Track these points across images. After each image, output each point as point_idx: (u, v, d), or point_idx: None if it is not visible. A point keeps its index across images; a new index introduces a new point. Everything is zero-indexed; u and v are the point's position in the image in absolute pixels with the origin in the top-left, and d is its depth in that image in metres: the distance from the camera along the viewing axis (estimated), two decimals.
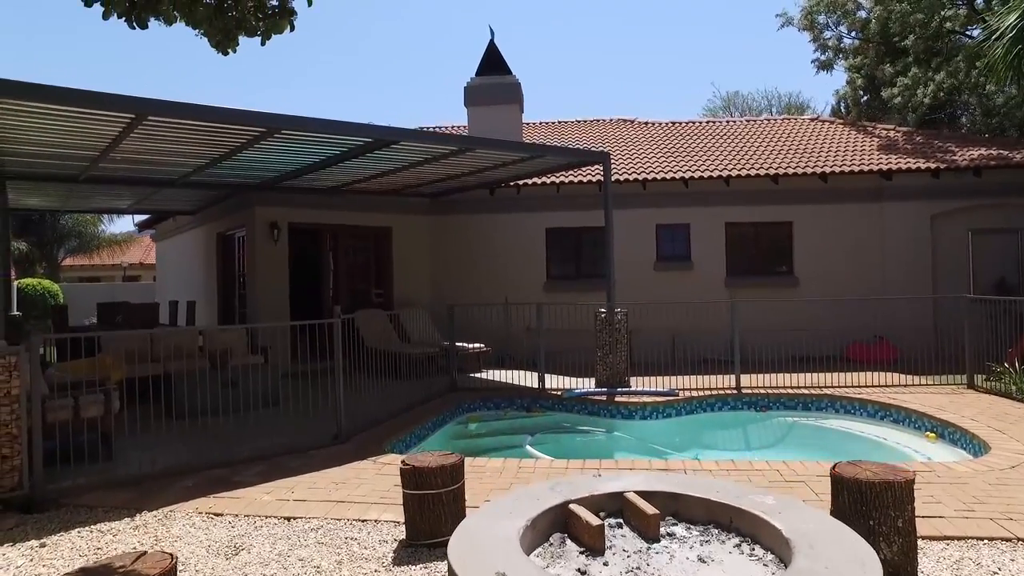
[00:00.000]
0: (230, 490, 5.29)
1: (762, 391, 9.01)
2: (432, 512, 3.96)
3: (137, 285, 25.01)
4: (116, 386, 6.57)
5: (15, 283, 20.24)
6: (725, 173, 12.70)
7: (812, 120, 16.99)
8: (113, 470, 5.75)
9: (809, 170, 12.46)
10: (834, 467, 3.40)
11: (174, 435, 6.71)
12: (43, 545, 4.44)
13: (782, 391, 8.96)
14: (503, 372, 10.69)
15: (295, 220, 11.99)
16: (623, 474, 3.58)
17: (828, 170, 12.36)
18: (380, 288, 13.45)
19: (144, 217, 18.26)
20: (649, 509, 2.98)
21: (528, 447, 7.57)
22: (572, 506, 3.06)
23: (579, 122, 18.74)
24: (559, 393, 9.30)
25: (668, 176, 12.88)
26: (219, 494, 5.20)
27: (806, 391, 8.91)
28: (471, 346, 11.21)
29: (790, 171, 12.50)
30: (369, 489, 5.20)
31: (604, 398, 8.99)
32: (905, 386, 8.99)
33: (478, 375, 10.86)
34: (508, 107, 14.26)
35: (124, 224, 33.97)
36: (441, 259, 13.81)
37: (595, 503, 3.16)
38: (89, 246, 27.59)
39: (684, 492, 3.20)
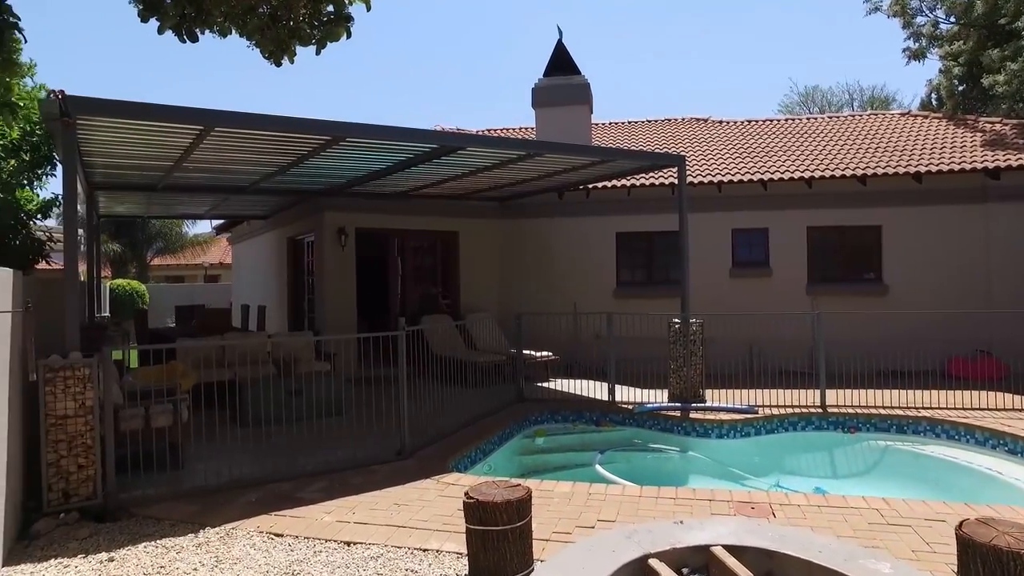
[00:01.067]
0: (292, 508, 5.19)
1: (850, 410, 8.36)
2: (496, 550, 3.70)
3: (215, 286, 25.97)
4: (186, 394, 6.64)
5: (107, 284, 21.32)
6: (807, 174, 11.96)
7: (903, 115, 15.85)
8: (181, 481, 5.77)
9: (901, 169, 11.57)
10: (960, 526, 2.91)
11: (240, 444, 6.70)
12: (111, 559, 4.43)
13: (873, 411, 8.27)
14: (571, 382, 10.35)
15: (363, 225, 12.02)
16: (709, 522, 3.22)
17: (923, 169, 11.43)
18: (447, 293, 13.35)
19: (221, 221, 18.85)
20: (741, 571, 2.62)
21: (598, 466, 7.22)
22: (652, 562, 2.74)
23: (649, 122, 18.16)
24: (630, 407, 8.90)
25: (745, 178, 12.25)
26: (281, 511, 5.11)
27: (900, 411, 8.18)
28: (539, 354, 10.94)
29: (879, 171, 11.64)
30: (431, 513, 4.99)
31: (678, 414, 8.54)
32: (1019, 410, 8.12)
33: (545, 384, 10.59)
34: (577, 108, 13.91)
35: (204, 225, 35.49)
36: (508, 264, 13.59)
37: (678, 558, 2.82)
38: (174, 247, 29.20)
39: (780, 550, 2.81)
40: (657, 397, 9.19)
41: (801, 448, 8.06)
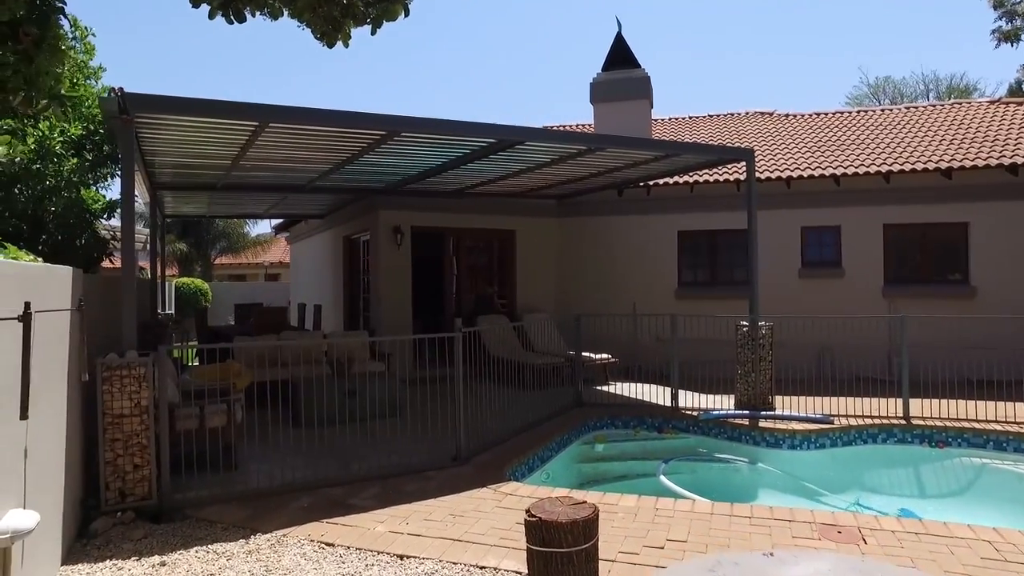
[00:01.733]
0: (344, 515, 5.01)
1: (937, 422, 7.71)
2: (560, 573, 3.40)
3: (275, 284, 26.52)
4: (240, 394, 6.58)
5: (173, 282, 22.00)
6: (885, 168, 11.22)
7: (992, 103, 14.75)
8: (234, 482, 5.68)
9: (993, 161, 10.70)
10: None
11: (293, 445, 6.61)
12: (163, 564, 4.34)
13: (965, 424, 7.59)
14: (631, 385, 10.00)
15: (418, 223, 11.90)
16: (803, 555, 2.85)
17: (1021, 160, 10.54)
18: (503, 293, 13.12)
19: (280, 220, 19.14)
20: None
21: (662, 477, 6.84)
22: None
23: (711, 117, 17.52)
24: (695, 414, 8.47)
25: (816, 173, 11.59)
26: (333, 519, 4.94)
27: (998, 426, 7.49)
28: (597, 356, 10.59)
29: (967, 163, 10.81)
30: (488, 526, 4.73)
31: (746, 422, 8.06)
32: None
33: (605, 388, 10.24)
34: (637, 103, 13.46)
35: (265, 226, 36.38)
36: (565, 263, 13.27)
37: None
38: (236, 247, 30.02)
39: None
40: (722, 404, 8.72)
41: (882, 463, 7.48)
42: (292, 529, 4.76)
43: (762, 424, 7.95)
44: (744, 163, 9.17)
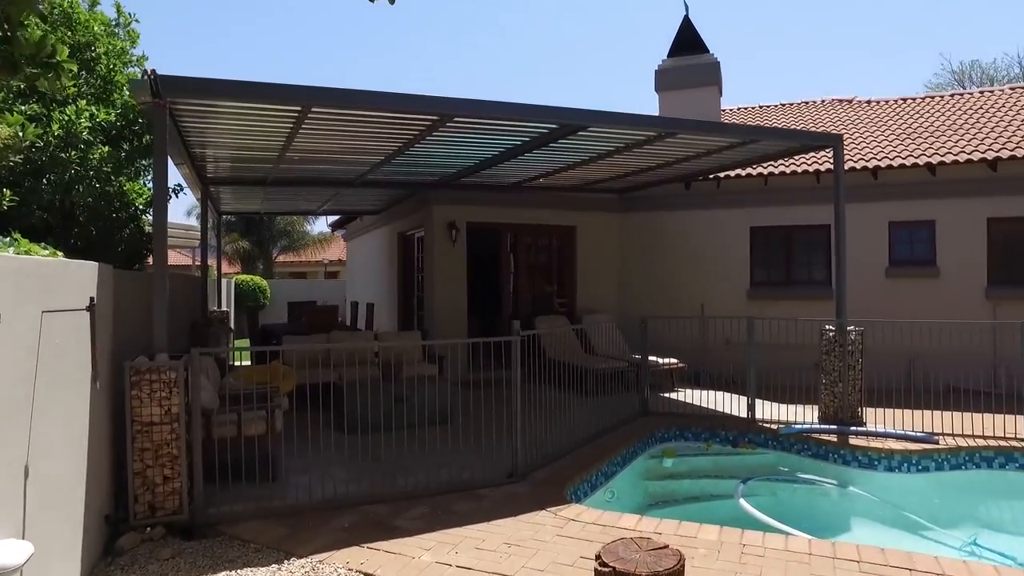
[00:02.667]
0: (387, 539, 4.50)
1: None
2: None
3: (333, 282, 26.60)
4: (284, 398, 6.18)
5: (232, 279, 22.25)
6: (991, 155, 10.06)
7: None
8: (272, 496, 5.25)
9: None
10: None
11: (337, 454, 6.17)
12: None
13: None
14: (700, 393, 9.24)
15: (474, 219, 11.39)
16: None
17: None
18: (562, 292, 12.49)
19: (336, 217, 19.03)
20: None
21: (741, 501, 6.09)
22: None
23: (784, 105, 16.41)
24: (774, 427, 7.66)
25: (908, 162, 10.52)
26: (374, 543, 4.43)
27: None
28: (663, 361, 9.86)
29: None
30: (549, 560, 4.13)
31: (834, 438, 7.22)
32: None
33: (671, 395, 9.52)
34: (705, 90, 12.62)
35: (324, 224, 36.81)
36: (628, 261, 12.54)
37: None
38: (296, 244, 30.51)
39: None
40: (803, 416, 7.88)
41: (1001, 492, 6.51)
42: (330, 554, 4.28)
43: (852, 441, 7.09)
44: (829, 151, 8.28)
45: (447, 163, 8.79)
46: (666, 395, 9.52)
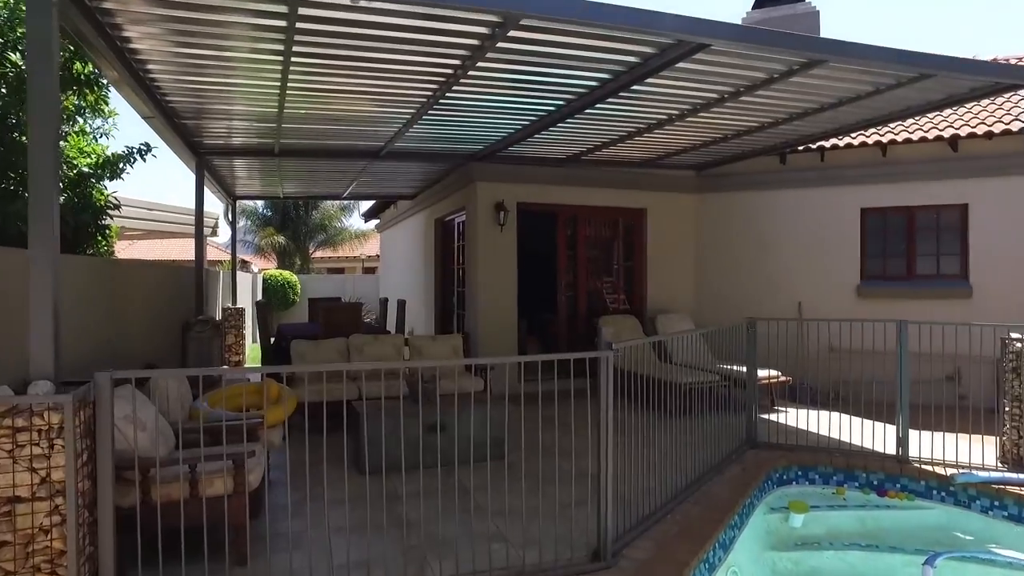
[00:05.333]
0: None
1: None
2: None
3: (368, 277, 25.07)
4: (276, 429, 4.42)
5: (261, 274, 20.93)
6: None
7: None
8: None
9: None
10: None
11: (347, 511, 4.37)
12: None
13: None
14: (808, 414, 7.27)
15: (525, 199, 9.52)
16: None
17: None
18: (629, 286, 10.53)
19: (369, 205, 17.43)
20: None
21: None
22: None
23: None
24: (942, 472, 5.61)
25: None
26: None
27: None
28: (763, 374, 7.84)
29: None
30: None
31: None
32: None
33: (773, 417, 7.55)
34: None
35: (359, 217, 35.54)
36: (707, 250, 10.52)
37: None
38: (334, 240, 29.44)
39: None
40: (971, 453, 5.80)
41: None
42: None
43: None
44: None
45: (497, 121, 6.92)
46: (766, 416, 7.53)
